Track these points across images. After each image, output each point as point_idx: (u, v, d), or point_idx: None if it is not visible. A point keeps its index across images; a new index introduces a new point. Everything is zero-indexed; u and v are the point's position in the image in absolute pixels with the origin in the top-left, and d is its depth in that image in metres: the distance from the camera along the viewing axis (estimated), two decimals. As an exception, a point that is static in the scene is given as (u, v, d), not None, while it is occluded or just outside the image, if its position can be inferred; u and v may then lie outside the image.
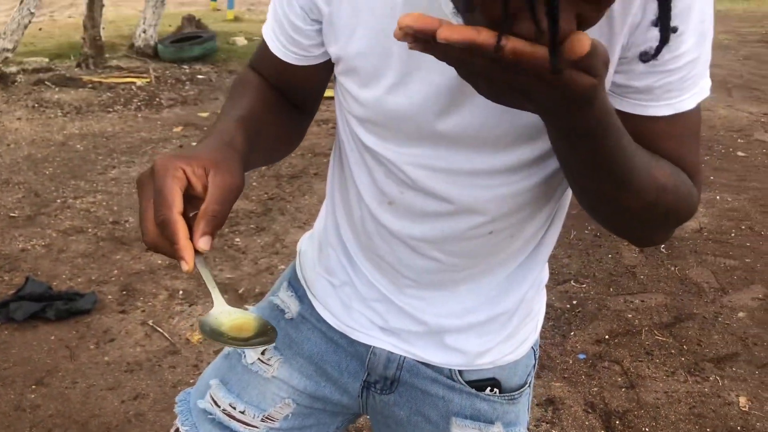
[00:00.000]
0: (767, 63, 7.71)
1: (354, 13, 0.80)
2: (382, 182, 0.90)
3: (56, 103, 5.40)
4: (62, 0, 11.06)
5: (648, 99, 0.77)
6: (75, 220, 3.50)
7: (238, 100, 0.89)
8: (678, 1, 0.71)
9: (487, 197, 0.87)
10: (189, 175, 0.69)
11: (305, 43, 0.87)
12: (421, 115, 0.82)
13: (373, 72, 0.82)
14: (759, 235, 3.54)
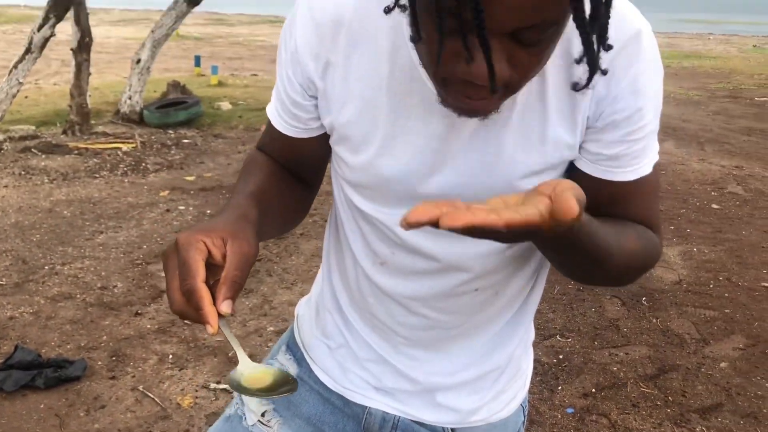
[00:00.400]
0: (736, 117, 7.98)
1: (345, 85, 0.87)
2: (375, 244, 0.97)
3: (43, 170, 5.45)
4: (47, 68, 11.22)
5: (617, 166, 0.86)
6: (63, 286, 3.51)
7: (248, 178, 0.97)
8: (637, 80, 0.82)
9: (471, 254, 0.93)
10: (209, 246, 0.77)
11: (304, 117, 0.94)
12: (406, 177, 0.89)
13: (362, 138, 0.89)
14: (737, 286, 3.64)
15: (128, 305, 3.34)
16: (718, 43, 17.76)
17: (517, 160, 0.85)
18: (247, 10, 26.43)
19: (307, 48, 0.87)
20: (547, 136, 0.85)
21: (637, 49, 0.81)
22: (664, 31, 21.11)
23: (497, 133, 0.84)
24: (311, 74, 0.88)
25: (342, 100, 0.88)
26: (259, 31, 19.64)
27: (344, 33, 0.85)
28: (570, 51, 0.81)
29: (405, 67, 0.84)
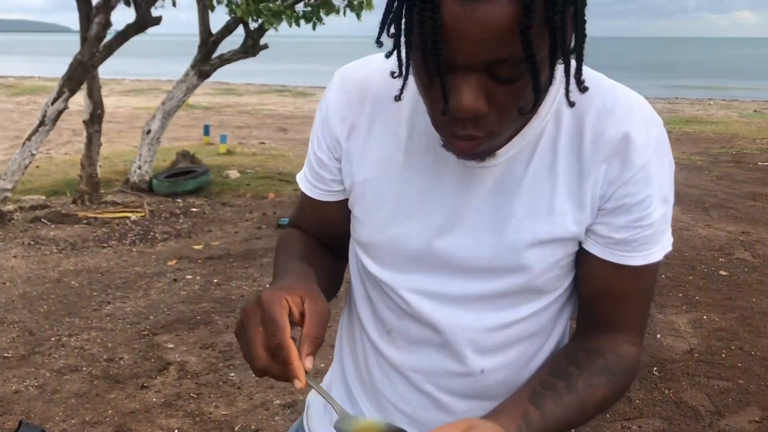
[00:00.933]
0: (740, 182, 8.02)
1: (366, 146, 0.94)
2: (382, 311, 0.99)
3: (52, 240, 5.50)
4: (59, 138, 11.43)
5: (626, 250, 0.89)
6: (69, 358, 3.50)
7: (290, 250, 1.01)
8: (649, 166, 0.85)
9: (476, 327, 0.94)
10: (290, 304, 0.79)
11: (328, 178, 0.99)
12: (417, 235, 0.92)
13: (377, 197, 0.94)
14: (749, 356, 3.59)
15: (134, 378, 3.31)
16: (718, 108, 18.01)
17: (524, 227, 0.88)
18: (255, 80, 27.01)
19: (336, 112, 0.95)
20: (555, 208, 0.87)
21: (647, 137, 0.85)
22: (665, 96, 21.44)
23: (508, 198, 0.88)
24: (338, 135, 0.95)
25: (361, 159, 0.94)
26: (267, 101, 20.04)
27: (370, 100, 0.94)
28: (582, 130, 0.85)
29: (422, 131, 0.90)
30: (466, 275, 0.92)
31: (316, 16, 7.21)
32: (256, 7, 6.60)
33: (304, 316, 0.79)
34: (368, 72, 0.95)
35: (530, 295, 0.93)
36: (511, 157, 0.88)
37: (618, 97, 0.87)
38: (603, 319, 0.94)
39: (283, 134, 12.78)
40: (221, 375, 3.34)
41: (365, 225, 0.97)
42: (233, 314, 4.08)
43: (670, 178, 0.90)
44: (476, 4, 0.66)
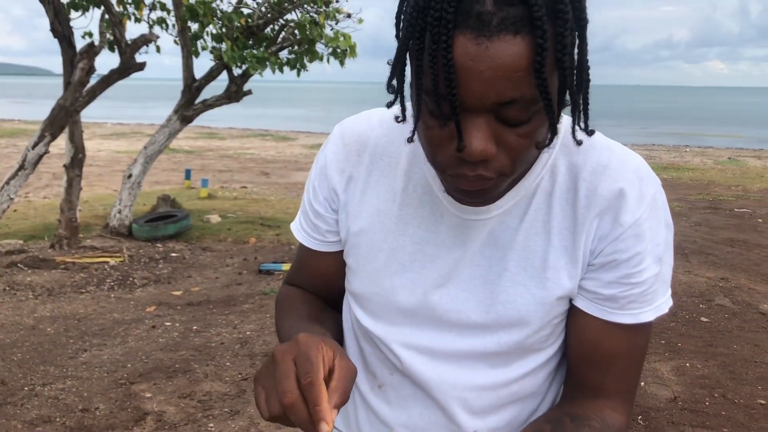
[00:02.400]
0: (717, 228, 8.12)
1: (362, 198, 0.94)
2: (374, 365, 0.98)
3: (28, 285, 5.40)
4: (38, 181, 11.34)
5: (614, 307, 0.87)
6: (42, 408, 3.40)
7: (296, 312, 1.00)
8: (641, 224, 0.85)
9: (467, 385, 0.92)
10: (324, 353, 0.76)
11: (323, 228, 0.99)
12: (411, 287, 0.91)
13: (372, 247, 0.94)
14: (733, 404, 3.58)
15: (110, 428, 3.22)
16: (694, 155, 18.34)
17: (517, 282, 0.87)
18: (237, 124, 27.14)
19: (334, 164, 0.96)
20: (549, 264, 0.87)
21: (641, 195, 0.85)
22: (642, 143, 21.82)
23: (503, 252, 0.88)
24: (336, 186, 0.96)
25: (357, 210, 0.95)
26: (249, 144, 20.10)
27: (368, 153, 0.95)
28: (577, 185, 0.85)
29: (418, 183, 0.92)
30: (459, 330, 0.91)
31: (300, 63, 7.30)
32: (240, 54, 6.67)
33: (333, 371, 0.76)
34: (367, 125, 0.97)
35: (523, 353, 0.92)
36: (506, 211, 0.88)
37: (614, 155, 0.88)
38: (589, 383, 0.92)
39: (265, 178, 12.79)
40: (200, 425, 3.26)
41: (359, 276, 0.97)
42: (213, 362, 4.01)
43: (667, 238, 0.88)
44: (490, 42, 0.67)
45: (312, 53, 7.22)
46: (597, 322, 0.88)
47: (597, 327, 0.89)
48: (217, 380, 3.75)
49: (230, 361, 4.02)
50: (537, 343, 0.91)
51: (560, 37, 0.68)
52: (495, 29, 0.66)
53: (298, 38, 7.22)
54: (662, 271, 0.88)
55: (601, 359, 0.90)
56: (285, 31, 7.40)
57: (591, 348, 0.90)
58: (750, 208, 9.66)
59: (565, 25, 0.68)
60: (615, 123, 31.76)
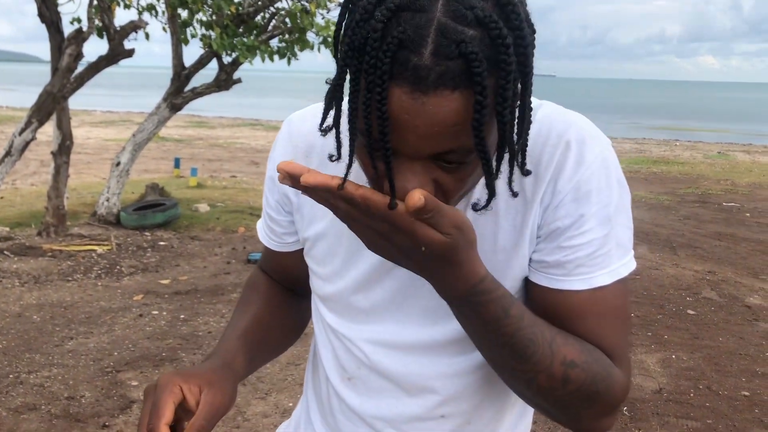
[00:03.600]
0: (706, 222, 8.16)
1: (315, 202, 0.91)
2: (343, 358, 0.98)
3: (14, 273, 5.36)
4: (25, 168, 11.25)
5: (560, 274, 0.84)
6: (28, 396, 3.38)
7: (245, 308, 1.06)
8: (579, 187, 0.82)
9: (432, 375, 0.92)
10: (185, 392, 0.82)
11: (279, 231, 1.01)
12: (368, 284, 0.92)
13: (329, 251, 0.94)
14: (717, 395, 3.60)
15: (95, 416, 3.21)
16: (684, 149, 18.42)
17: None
18: (228, 113, 27.02)
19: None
20: (498, 246, 0.86)
21: (580, 157, 0.83)
22: (633, 137, 21.89)
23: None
24: (286, 190, 0.97)
25: (312, 214, 0.94)
26: (240, 134, 20.01)
27: (316, 155, 0.93)
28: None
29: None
30: (420, 321, 0.91)
31: (291, 52, 7.26)
32: (230, 42, 6.62)
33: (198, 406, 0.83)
34: (315, 123, 0.92)
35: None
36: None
37: (554, 122, 0.85)
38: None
39: (255, 168, 12.74)
40: (186, 414, 3.25)
41: (319, 278, 0.98)
42: (200, 351, 3.99)
43: (621, 199, 0.85)
44: (426, 97, 0.63)
45: (303, 42, 7.18)
46: (549, 291, 0.85)
47: (551, 297, 0.85)
48: (204, 369, 3.74)
49: (217, 350, 4.01)
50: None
51: (501, 90, 0.64)
52: (432, 84, 0.63)
53: (288, 27, 7.18)
54: (614, 233, 0.84)
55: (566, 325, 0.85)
56: (276, 20, 7.35)
57: (554, 316, 0.85)
58: (738, 202, 9.71)
59: (507, 77, 0.64)
60: (606, 116, 31.84)
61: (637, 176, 12.34)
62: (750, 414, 3.41)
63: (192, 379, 0.84)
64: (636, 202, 9.40)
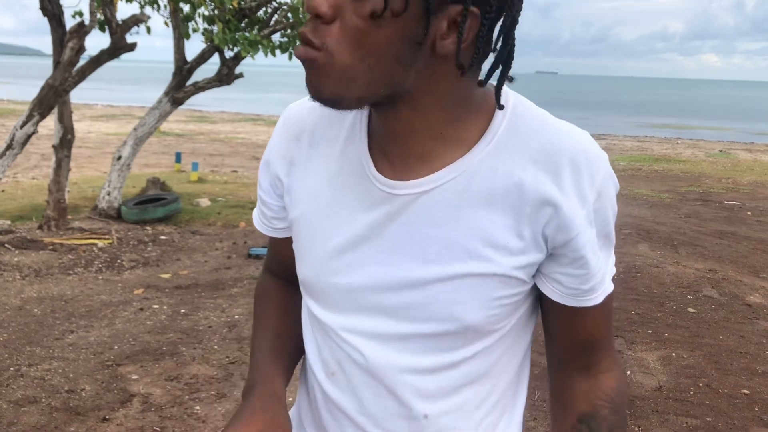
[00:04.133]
0: (707, 220, 8.16)
1: (303, 183, 0.94)
2: (324, 352, 0.97)
3: (15, 266, 5.37)
4: (26, 162, 11.26)
5: (584, 294, 0.91)
6: (28, 389, 3.39)
7: (264, 324, 1.07)
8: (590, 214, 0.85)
9: (416, 368, 0.90)
10: None
11: (269, 215, 1.03)
12: (349, 268, 0.90)
13: (310, 231, 0.93)
14: (717, 393, 3.60)
15: (96, 410, 3.21)
16: (686, 148, 18.40)
17: (456, 258, 0.85)
18: (229, 108, 27.01)
19: (275, 150, 0.98)
20: (489, 240, 0.84)
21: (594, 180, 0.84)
22: (634, 134, 21.87)
23: (440, 230, 0.85)
24: (278, 172, 0.97)
25: (297, 196, 0.95)
26: (241, 129, 20.01)
27: (307, 136, 0.94)
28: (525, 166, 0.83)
29: (353, 165, 0.90)
30: (401, 312, 0.89)
31: (293, 47, 7.25)
32: (232, 36, 6.61)
33: None
34: (309, 108, 0.95)
35: (468, 333, 0.88)
36: (442, 186, 0.84)
37: (563, 135, 0.85)
38: (581, 365, 0.95)
39: (256, 163, 12.73)
40: (186, 408, 3.26)
41: (301, 261, 0.96)
42: (200, 345, 4.00)
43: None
44: None
45: (305, 37, 7.17)
46: (572, 309, 0.91)
47: (573, 314, 0.91)
48: (205, 363, 3.74)
49: (218, 344, 4.02)
50: (480, 324, 0.87)
51: None
52: None
53: (291, 21, 7.17)
54: (612, 248, 0.92)
55: (588, 342, 0.94)
56: (278, 14, 7.34)
57: (572, 333, 0.93)
58: (739, 200, 9.71)
59: None
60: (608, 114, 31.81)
61: (639, 174, 12.33)
62: (750, 412, 3.41)
63: (252, 428, 0.88)
64: (637, 200, 9.40)
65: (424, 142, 0.84)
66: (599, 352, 0.95)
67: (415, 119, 0.82)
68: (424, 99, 0.81)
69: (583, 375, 0.95)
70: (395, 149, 0.86)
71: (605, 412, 0.92)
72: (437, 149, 0.84)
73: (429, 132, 0.84)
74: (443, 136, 0.84)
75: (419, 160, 0.85)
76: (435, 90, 0.81)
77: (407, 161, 0.85)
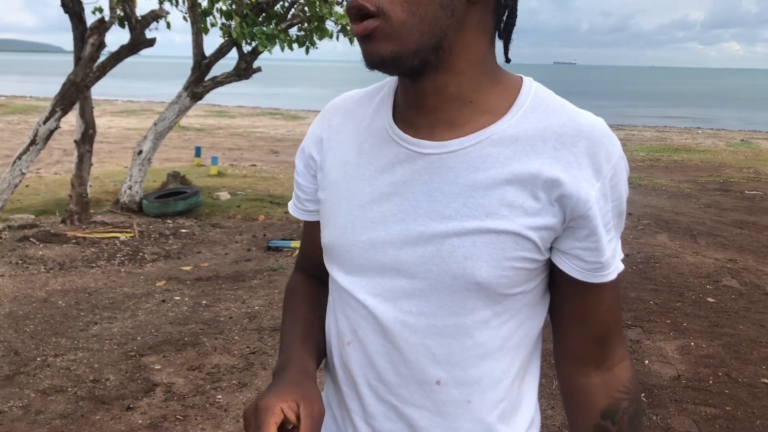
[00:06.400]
0: (727, 210, 8.09)
1: (333, 152, 1.02)
2: (342, 322, 1.01)
3: (40, 260, 5.46)
4: (49, 157, 11.41)
5: (599, 270, 0.93)
6: (55, 378, 3.46)
7: (295, 316, 1.12)
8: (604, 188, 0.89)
9: (429, 330, 0.93)
10: (285, 411, 0.88)
11: (302, 197, 1.09)
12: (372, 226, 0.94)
13: (336, 196, 0.99)
14: (736, 383, 3.60)
15: (120, 399, 3.28)
16: (706, 137, 18.21)
17: (474, 216, 0.89)
18: (247, 103, 27.12)
19: (310, 135, 1.07)
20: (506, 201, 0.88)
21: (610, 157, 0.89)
22: (654, 125, 21.67)
23: (461, 189, 0.90)
24: (311, 151, 1.05)
25: (329, 167, 1.02)
26: (259, 123, 20.09)
27: (339, 116, 1.03)
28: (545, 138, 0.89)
29: (378, 133, 0.97)
30: (415, 270, 0.92)
31: (310, 41, 7.28)
32: (250, 31, 6.65)
33: (300, 419, 0.89)
34: (343, 97, 1.06)
35: (479, 294, 0.91)
36: (466, 149, 0.89)
37: (581, 117, 0.91)
38: (594, 356, 0.97)
39: (275, 157, 12.81)
40: (208, 397, 3.31)
41: (326, 226, 1.02)
42: (221, 336, 4.06)
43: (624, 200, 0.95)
44: None
45: (321, 30, 7.20)
46: (586, 285, 0.93)
47: (584, 290, 0.93)
48: (226, 353, 3.80)
49: (239, 335, 4.07)
50: (492, 283, 0.90)
51: None
52: None
53: (307, 15, 7.20)
54: (622, 225, 0.95)
55: (601, 330, 0.96)
56: (295, 8, 7.38)
57: (582, 311, 0.95)
58: (761, 190, 9.60)
59: None
60: (627, 104, 31.52)
61: (658, 164, 12.24)
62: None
63: (288, 397, 0.90)
64: (656, 190, 9.34)
65: (454, 107, 0.90)
66: (612, 343, 0.97)
67: (449, 83, 0.89)
68: (460, 61, 0.88)
69: (599, 369, 0.97)
70: (422, 119, 0.92)
71: (625, 404, 0.95)
72: (465, 115, 0.90)
73: (460, 98, 0.90)
74: (473, 102, 0.90)
75: (447, 126, 0.91)
76: (468, 52, 0.88)
77: (434, 129, 0.92)
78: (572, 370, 0.98)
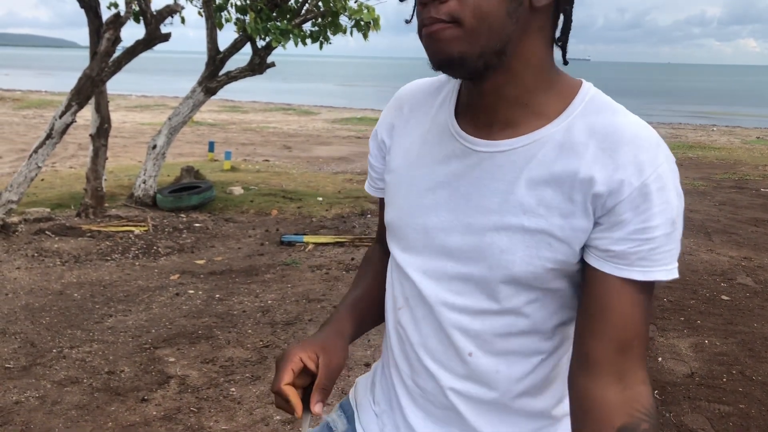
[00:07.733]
0: (743, 208, 8.03)
1: (401, 139, 1.11)
2: (397, 289, 1.11)
3: (55, 252, 5.51)
4: (64, 151, 11.50)
5: (624, 264, 0.91)
6: (70, 370, 3.50)
7: (359, 281, 1.27)
8: (642, 188, 0.89)
9: (463, 308, 1.01)
10: (304, 360, 1.05)
11: (374, 176, 1.19)
12: (427, 212, 1.03)
13: (399, 179, 1.08)
14: (751, 381, 3.58)
15: (135, 390, 3.31)
16: (721, 135, 18.07)
17: (515, 212, 0.95)
18: (260, 98, 27.18)
19: (383, 120, 1.16)
20: (544, 201, 0.93)
21: (655, 160, 0.90)
22: (668, 122, 21.52)
23: (507, 185, 0.96)
24: (383, 137, 1.15)
25: (397, 152, 1.11)
26: (272, 118, 20.14)
27: (408, 105, 1.12)
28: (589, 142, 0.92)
29: (440, 125, 1.05)
30: (458, 254, 1.00)
31: (323, 36, 7.29)
32: (264, 26, 6.67)
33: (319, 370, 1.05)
34: (415, 84, 1.15)
35: (510, 284, 0.97)
36: (516, 150, 0.95)
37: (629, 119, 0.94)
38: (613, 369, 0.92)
39: (288, 152, 12.84)
40: (222, 390, 3.34)
41: (389, 206, 1.11)
42: (234, 329, 4.08)
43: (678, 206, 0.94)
44: None
45: (335, 25, 7.20)
46: (608, 278, 0.91)
47: (607, 283, 0.91)
48: (239, 347, 3.82)
49: (252, 328, 4.10)
50: (524, 277, 0.96)
51: None
52: None
53: (321, 10, 7.20)
54: (674, 234, 0.91)
55: (625, 336, 0.91)
56: (309, 3, 7.38)
57: (602, 308, 0.92)
58: (776, 188, 9.53)
59: None
60: (643, 101, 31.31)
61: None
62: (784, 399, 3.38)
63: (308, 348, 1.06)
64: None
65: (510, 108, 0.96)
66: (633, 356, 0.91)
67: (507, 85, 0.94)
68: (518, 65, 0.93)
69: (619, 385, 0.91)
70: (480, 118, 0.99)
71: (645, 425, 0.89)
72: (520, 117, 0.96)
73: (517, 100, 0.95)
74: (528, 105, 0.95)
75: (503, 126, 0.97)
76: (528, 56, 0.93)
77: (492, 127, 0.98)
78: (588, 379, 0.92)
